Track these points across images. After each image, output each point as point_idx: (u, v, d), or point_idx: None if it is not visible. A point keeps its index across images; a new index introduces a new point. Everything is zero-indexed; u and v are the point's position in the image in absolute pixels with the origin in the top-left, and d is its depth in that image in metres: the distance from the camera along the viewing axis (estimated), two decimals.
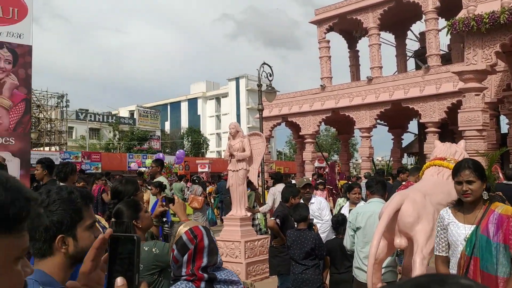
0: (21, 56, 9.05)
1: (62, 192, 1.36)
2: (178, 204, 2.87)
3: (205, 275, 1.80)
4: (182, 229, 1.77)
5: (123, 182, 3.15)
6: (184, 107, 72.70)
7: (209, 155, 56.22)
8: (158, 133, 53.04)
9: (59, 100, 34.66)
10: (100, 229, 2.00)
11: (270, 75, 12.06)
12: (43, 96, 32.26)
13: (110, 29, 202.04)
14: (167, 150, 48.28)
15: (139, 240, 0.89)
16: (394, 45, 23.15)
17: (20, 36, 9.10)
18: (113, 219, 2.64)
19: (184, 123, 67.73)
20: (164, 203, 3.31)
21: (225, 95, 68.19)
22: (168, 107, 74.38)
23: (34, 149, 26.59)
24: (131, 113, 59.53)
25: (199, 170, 24.87)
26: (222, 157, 27.88)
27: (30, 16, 9.19)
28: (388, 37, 23.14)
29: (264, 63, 12.03)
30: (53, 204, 1.31)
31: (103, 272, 0.95)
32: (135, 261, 0.86)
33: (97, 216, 2.94)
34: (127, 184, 3.11)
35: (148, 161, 24.61)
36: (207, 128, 68.24)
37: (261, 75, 11.96)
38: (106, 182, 10.33)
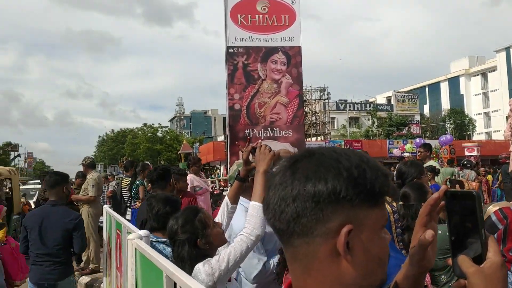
0: (293, 57, 10.15)
1: None
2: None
3: None
4: (491, 209, 1.69)
5: (407, 164, 3.18)
6: (444, 87, 67.72)
7: (476, 137, 50.88)
8: (417, 117, 51.08)
9: (321, 94, 37.35)
10: None
11: None
12: (308, 91, 35.30)
13: (362, 19, 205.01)
14: (427, 135, 46.09)
15: (479, 196, 0.89)
16: None
17: (291, 39, 10.20)
18: (400, 202, 2.69)
19: (445, 104, 63.17)
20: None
21: (493, 69, 60.26)
22: (426, 89, 70.67)
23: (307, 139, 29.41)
24: (388, 99, 59.12)
25: (466, 154, 22.86)
26: (493, 138, 24.75)
27: (298, 20, 10.19)
28: None
29: None
30: None
31: None
32: (478, 216, 0.87)
33: None
34: (411, 166, 3.12)
35: (408, 146, 24.03)
36: (472, 108, 61.85)
37: None
38: None
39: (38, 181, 16.06)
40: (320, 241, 0.76)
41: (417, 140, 23.10)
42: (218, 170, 37.56)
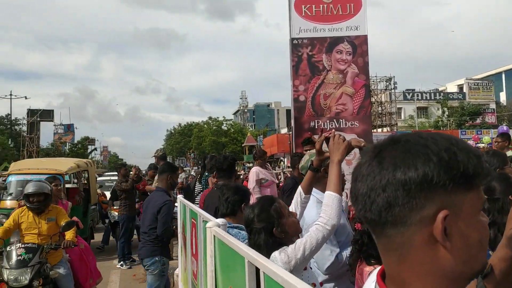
0: (358, 46, 9.92)
1: None
2: None
3: None
4: None
5: (489, 154, 3.01)
6: None
7: None
8: (492, 105, 48.03)
9: (387, 83, 36.20)
10: None
11: None
12: (373, 81, 34.36)
13: (430, 4, 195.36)
14: (503, 124, 43.18)
15: None
16: None
17: (356, 28, 9.96)
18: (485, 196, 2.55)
19: None
20: None
21: None
22: (503, 75, 66.03)
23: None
24: (460, 87, 56.04)
25: None
26: None
27: (364, 7, 9.92)
28: None
29: None
30: None
31: None
32: None
33: None
34: (494, 156, 2.94)
35: (486, 138, 22.68)
36: None
37: None
38: None
39: (114, 173, 16.92)
40: (415, 229, 0.75)
41: (503, 128, 21.67)
42: (282, 162, 37.67)
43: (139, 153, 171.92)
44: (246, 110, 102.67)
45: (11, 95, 44.61)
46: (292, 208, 2.52)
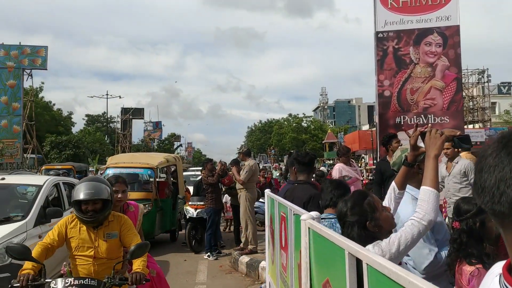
0: (449, 38, 9.40)
1: None
2: None
3: None
4: None
5: None
6: None
7: None
8: None
9: (479, 76, 33.87)
10: None
11: None
12: (464, 74, 32.34)
13: None
14: None
15: None
16: None
17: (447, 18, 9.46)
18: None
19: None
20: None
21: None
22: None
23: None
24: None
25: None
26: None
27: None
28: None
29: None
30: None
31: None
32: None
33: None
34: None
35: None
36: None
37: None
38: None
39: (198, 168, 17.54)
40: None
41: None
42: (364, 160, 36.78)
43: (219, 149, 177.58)
44: (326, 107, 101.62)
45: (107, 95, 48.10)
46: (385, 203, 2.48)
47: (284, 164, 30.34)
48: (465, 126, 29.95)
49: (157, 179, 10.37)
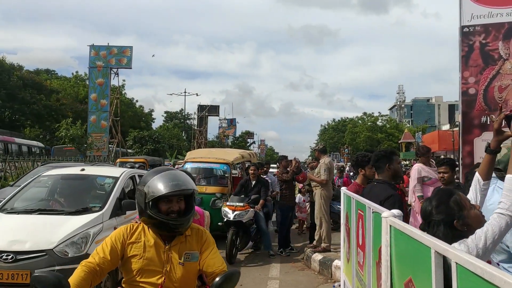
0: None
1: None
2: None
3: None
4: None
5: None
6: None
7: None
8: None
9: None
10: None
11: None
12: None
13: None
14: None
15: None
16: None
17: None
18: None
19: None
20: None
21: None
22: None
23: None
24: None
25: None
26: None
27: None
28: None
29: None
30: None
31: None
32: None
33: None
34: None
35: None
36: None
37: None
38: None
39: (274, 165, 17.62)
40: None
41: None
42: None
43: (292, 147, 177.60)
44: (403, 105, 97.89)
45: (185, 92, 50.05)
46: (470, 196, 2.38)
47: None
48: None
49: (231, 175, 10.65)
